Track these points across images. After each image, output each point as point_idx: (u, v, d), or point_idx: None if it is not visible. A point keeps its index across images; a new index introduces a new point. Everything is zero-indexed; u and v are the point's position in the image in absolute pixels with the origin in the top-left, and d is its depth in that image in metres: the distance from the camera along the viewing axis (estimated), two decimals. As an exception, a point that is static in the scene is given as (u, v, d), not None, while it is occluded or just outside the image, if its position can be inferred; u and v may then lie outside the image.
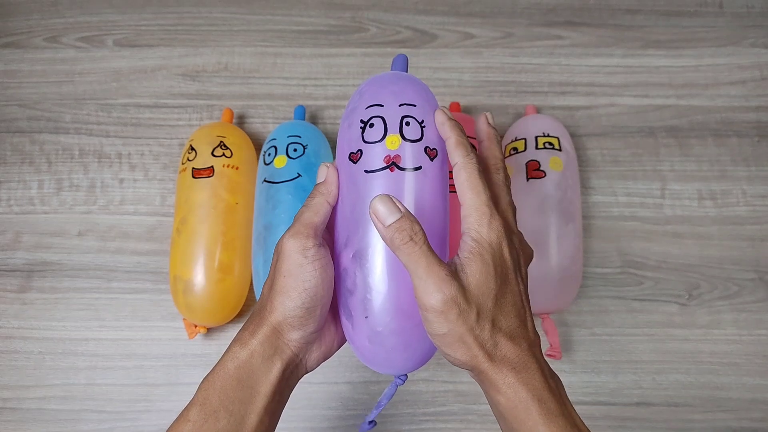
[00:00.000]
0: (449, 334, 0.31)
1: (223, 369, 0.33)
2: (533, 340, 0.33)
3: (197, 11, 0.68)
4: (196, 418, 0.32)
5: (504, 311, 0.32)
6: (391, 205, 0.31)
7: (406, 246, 0.31)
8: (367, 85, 0.37)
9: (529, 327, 0.33)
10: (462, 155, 0.33)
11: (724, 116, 0.64)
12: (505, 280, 0.32)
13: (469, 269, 0.31)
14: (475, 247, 0.32)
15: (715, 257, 0.60)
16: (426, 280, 0.30)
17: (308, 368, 0.37)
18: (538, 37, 0.67)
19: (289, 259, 0.33)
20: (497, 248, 0.32)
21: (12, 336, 0.58)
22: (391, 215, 0.31)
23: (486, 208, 0.32)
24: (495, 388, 0.31)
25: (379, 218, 0.31)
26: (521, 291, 0.33)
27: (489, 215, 0.32)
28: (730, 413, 0.55)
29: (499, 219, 0.32)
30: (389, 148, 0.34)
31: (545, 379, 0.32)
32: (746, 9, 0.69)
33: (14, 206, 0.62)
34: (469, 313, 0.31)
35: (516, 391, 0.31)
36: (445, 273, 0.30)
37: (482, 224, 0.32)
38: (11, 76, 0.66)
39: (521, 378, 0.31)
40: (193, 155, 0.55)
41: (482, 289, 0.31)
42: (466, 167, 0.33)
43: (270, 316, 0.34)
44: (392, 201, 0.31)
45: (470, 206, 0.32)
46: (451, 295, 0.30)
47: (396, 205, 0.31)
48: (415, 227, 0.31)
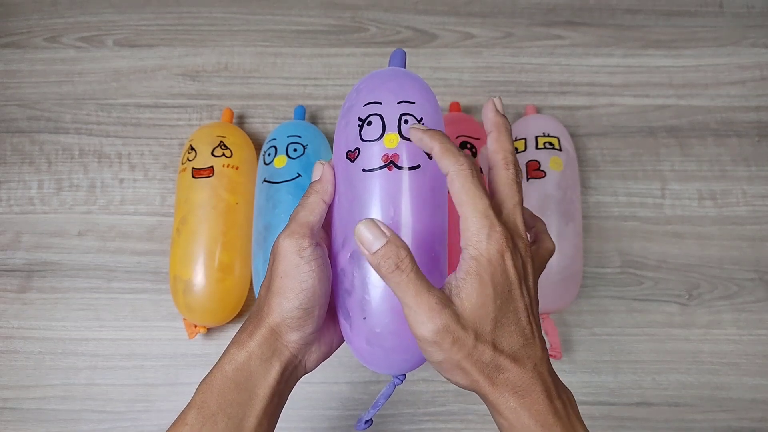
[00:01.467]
0: (445, 362, 0.30)
1: (221, 371, 0.33)
2: (540, 357, 0.30)
3: (197, 11, 0.68)
4: (193, 421, 0.32)
5: (506, 331, 0.30)
6: (376, 231, 0.29)
7: (393, 275, 0.29)
8: (364, 82, 0.36)
9: (536, 343, 0.31)
10: (451, 163, 0.31)
11: (724, 116, 0.64)
12: (508, 298, 0.30)
13: (464, 292, 0.29)
14: (473, 266, 0.29)
15: (715, 257, 0.60)
16: (415, 309, 0.29)
17: (307, 369, 0.36)
18: (538, 37, 0.67)
19: (285, 260, 0.33)
20: (498, 264, 0.29)
21: (12, 336, 0.58)
22: (377, 241, 0.29)
23: (484, 219, 0.30)
24: (497, 412, 0.30)
25: (364, 245, 0.30)
26: (527, 306, 0.31)
27: (488, 226, 0.29)
28: (730, 413, 0.55)
29: (500, 228, 0.30)
30: (387, 147, 0.33)
31: (550, 401, 0.30)
32: (746, 9, 0.69)
33: (14, 206, 0.62)
34: (465, 339, 0.29)
35: (518, 416, 0.29)
36: (435, 301, 0.29)
37: (481, 238, 0.29)
38: (11, 76, 0.66)
39: (524, 402, 0.29)
40: (193, 155, 0.55)
41: (479, 312, 0.29)
42: (458, 175, 0.30)
43: (268, 318, 0.33)
44: (377, 226, 0.30)
45: (467, 218, 0.30)
46: (442, 324, 0.28)
47: (381, 229, 0.30)
48: (401, 253, 0.29)
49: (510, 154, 0.33)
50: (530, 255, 0.32)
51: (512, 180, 0.32)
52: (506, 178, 0.32)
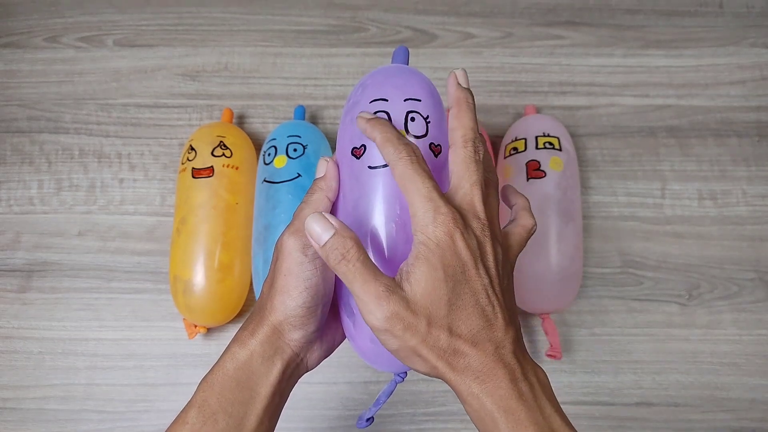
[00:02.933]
0: (401, 349, 0.29)
1: (222, 370, 0.33)
2: (502, 338, 0.29)
3: (197, 11, 0.68)
4: (194, 420, 0.32)
5: (463, 314, 0.29)
6: (324, 223, 0.30)
7: (340, 265, 0.29)
8: (370, 78, 0.36)
9: (499, 324, 0.30)
10: (390, 152, 0.30)
11: (724, 116, 0.64)
12: (461, 279, 0.29)
13: (413, 276, 0.29)
14: (422, 251, 0.29)
15: (715, 257, 0.60)
16: (363, 299, 0.29)
17: (309, 367, 0.36)
18: (538, 37, 0.67)
19: (289, 258, 0.33)
20: (447, 246, 0.29)
21: (12, 336, 0.58)
22: (324, 233, 0.29)
23: (428, 202, 0.29)
24: (461, 399, 0.30)
25: (313, 238, 0.30)
26: (485, 285, 0.30)
27: (433, 209, 0.29)
28: (730, 413, 0.55)
29: (446, 209, 0.29)
30: None
31: (514, 384, 0.29)
32: (746, 9, 0.69)
33: (14, 206, 0.62)
34: (417, 324, 0.28)
35: (481, 403, 0.29)
36: (382, 289, 0.28)
37: (427, 222, 0.29)
38: (11, 76, 0.66)
39: (486, 388, 0.29)
40: (193, 155, 0.55)
41: (431, 296, 0.29)
42: (398, 163, 0.30)
43: (270, 316, 0.33)
44: (324, 218, 0.30)
45: (412, 204, 0.30)
46: (390, 311, 0.28)
47: (329, 221, 0.30)
48: (348, 243, 0.29)
49: (470, 131, 0.32)
50: (490, 235, 0.31)
51: (470, 158, 0.32)
52: (463, 156, 0.32)
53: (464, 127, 0.32)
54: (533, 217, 0.35)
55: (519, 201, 0.36)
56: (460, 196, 0.31)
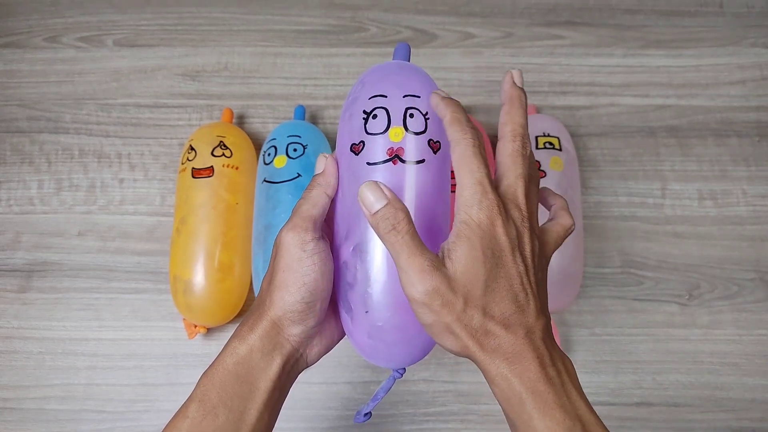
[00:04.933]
0: (435, 324, 0.30)
1: (222, 364, 0.33)
2: (533, 324, 0.30)
3: (197, 11, 0.68)
4: (194, 414, 0.32)
5: (497, 297, 0.30)
6: (378, 192, 0.30)
7: (389, 235, 0.30)
8: (369, 75, 0.36)
9: (530, 311, 0.30)
10: (456, 131, 0.31)
11: (724, 116, 0.64)
12: (498, 263, 0.30)
13: (455, 254, 0.30)
14: (463, 230, 0.30)
15: (716, 257, 0.60)
16: (407, 271, 0.29)
17: (309, 362, 0.36)
18: (538, 37, 0.67)
19: (288, 253, 0.33)
20: (487, 229, 0.30)
21: (12, 336, 0.58)
22: (377, 202, 0.30)
23: (477, 186, 0.30)
24: (489, 379, 0.30)
25: (365, 206, 0.30)
26: (521, 273, 0.30)
27: (480, 193, 0.30)
28: (730, 413, 0.55)
29: (493, 197, 0.30)
30: (392, 140, 0.33)
31: (543, 368, 0.30)
32: (746, 9, 0.69)
33: (14, 206, 0.62)
34: (454, 302, 0.29)
35: (509, 383, 0.29)
36: (427, 264, 0.29)
37: (472, 204, 0.30)
38: (11, 76, 0.66)
39: (515, 370, 0.29)
40: (192, 155, 0.55)
41: (469, 275, 0.29)
42: (460, 144, 0.31)
43: (269, 311, 0.33)
44: (379, 188, 0.30)
45: (462, 185, 0.31)
46: (432, 286, 0.29)
47: (383, 191, 0.30)
48: (399, 215, 0.30)
49: (519, 127, 0.33)
50: (528, 227, 0.31)
51: (517, 152, 0.32)
52: (512, 149, 0.32)
53: (514, 122, 0.33)
54: (572, 217, 0.36)
55: (558, 201, 0.37)
56: (504, 186, 0.32)
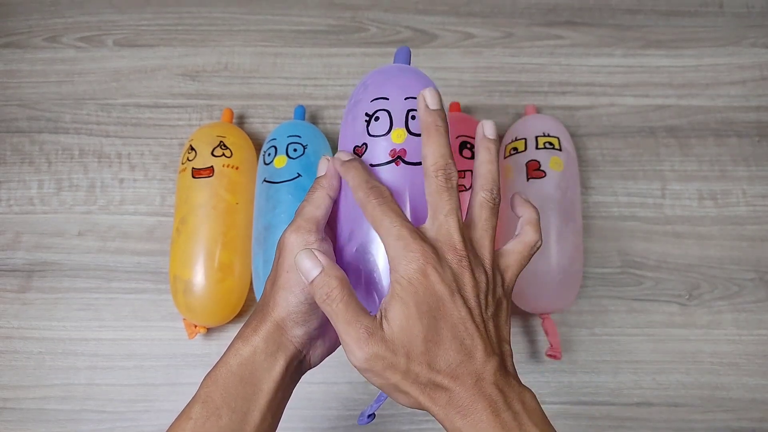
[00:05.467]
0: (385, 386, 0.30)
1: (226, 365, 0.33)
2: (482, 370, 0.29)
3: (197, 11, 0.68)
4: (198, 415, 0.32)
5: (440, 349, 0.29)
6: (313, 260, 0.30)
7: (324, 304, 0.30)
8: (371, 78, 0.37)
9: (478, 356, 0.29)
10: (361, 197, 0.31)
11: (724, 116, 0.64)
12: (436, 314, 0.29)
13: (390, 314, 0.29)
14: (395, 288, 0.30)
15: (716, 257, 0.60)
16: (345, 339, 0.29)
17: (312, 364, 0.37)
18: (538, 37, 0.67)
19: (291, 255, 0.33)
20: (419, 283, 0.29)
21: (12, 336, 0.58)
22: (313, 270, 0.30)
23: (397, 241, 0.30)
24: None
25: (303, 274, 0.31)
26: (463, 318, 0.29)
27: (402, 248, 0.29)
28: (730, 413, 0.55)
29: (417, 246, 0.29)
30: (395, 142, 0.34)
31: (496, 416, 0.28)
32: (746, 9, 0.69)
33: (14, 206, 0.62)
34: (396, 363, 0.29)
35: None
36: (362, 330, 0.29)
37: (398, 260, 0.30)
38: (11, 76, 0.66)
39: (468, 422, 0.29)
40: (193, 155, 0.55)
41: (407, 333, 0.29)
42: (366, 206, 0.31)
43: (273, 312, 0.34)
44: (313, 255, 0.30)
45: (385, 244, 0.30)
46: (371, 352, 0.29)
47: (317, 259, 0.30)
48: (332, 283, 0.30)
49: (440, 158, 0.31)
50: (468, 265, 0.30)
51: (442, 188, 0.31)
52: (435, 186, 0.31)
53: (434, 154, 0.32)
54: (538, 232, 0.34)
55: (525, 213, 0.35)
56: (436, 228, 0.31)
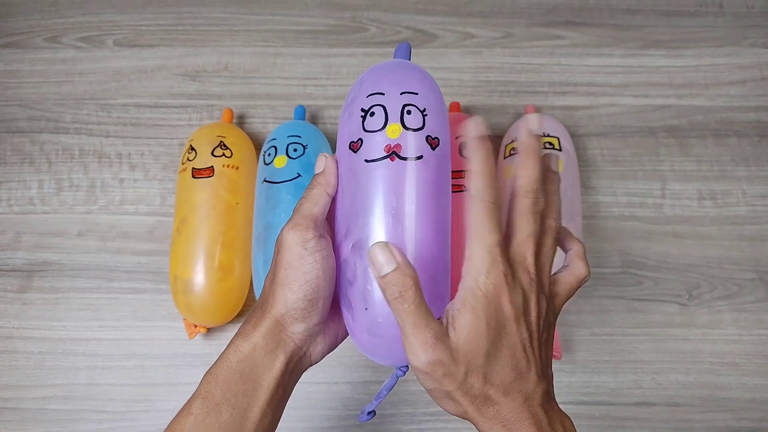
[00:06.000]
0: (436, 390, 0.31)
1: (226, 362, 0.33)
2: (532, 391, 0.31)
3: (197, 11, 0.68)
4: (198, 411, 0.32)
5: (498, 365, 0.30)
6: (388, 255, 0.30)
7: (396, 302, 0.30)
8: (367, 74, 0.37)
9: (531, 377, 0.31)
10: (478, 187, 0.31)
11: (724, 116, 0.64)
12: (501, 332, 0.30)
13: (458, 323, 0.30)
14: (469, 298, 0.30)
15: (715, 257, 0.60)
16: (411, 341, 0.29)
17: (313, 361, 0.37)
18: (538, 37, 0.67)
19: (289, 252, 0.33)
20: (493, 298, 0.30)
21: (12, 336, 0.58)
22: (387, 265, 0.30)
23: (487, 254, 0.30)
24: None
25: (375, 266, 0.30)
26: (524, 340, 0.31)
27: (489, 262, 0.30)
28: (730, 413, 0.55)
29: (501, 266, 0.30)
30: (390, 137, 0.33)
31: None
32: (746, 9, 0.69)
33: (14, 206, 0.62)
34: (456, 372, 0.30)
35: None
36: (430, 336, 0.29)
37: (480, 272, 0.30)
38: (11, 76, 0.66)
39: None
40: (193, 155, 0.56)
41: (471, 345, 0.30)
42: (478, 204, 0.31)
43: (272, 309, 0.34)
44: (390, 250, 0.30)
45: (472, 249, 0.31)
46: (435, 358, 0.29)
47: (393, 254, 0.30)
48: (407, 282, 0.30)
49: (533, 182, 0.32)
50: (536, 290, 0.32)
51: (529, 210, 0.32)
52: (523, 206, 0.32)
53: (528, 177, 0.32)
54: (587, 266, 0.35)
55: (574, 247, 0.36)
56: (514, 246, 0.32)
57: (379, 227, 0.33)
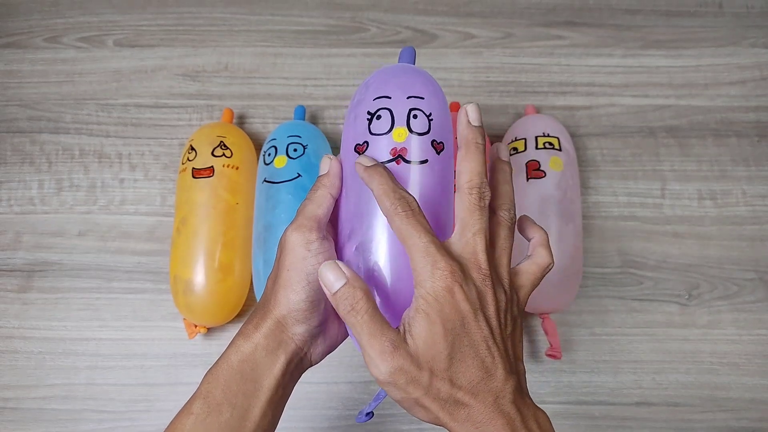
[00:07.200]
0: (404, 400, 0.30)
1: (227, 362, 0.33)
2: (501, 388, 0.30)
3: (197, 11, 0.68)
4: (199, 411, 0.32)
5: (462, 366, 0.30)
6: (337, 272, 0.30)
7: (349, 315, 0.30)
8: (374, 77, 0.37)
9: (498, 375, 0.30)
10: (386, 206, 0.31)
11: (723, 116, 0.64)
12: (460, 332, 0.29)
13: (414, 329, 0.29)
14: (420, 304, 0.30)
15: (715, 257, 0.60)
16: (369, 351, 0.29)
17: (313, 361, 0.37)
18: (538, 37, 0.67)
19: (292, 253, 0.33)
20: (445, 300, 0.29)
21: (12, 336, 0.58)
22: (337, 282, 0.30)
23: (425, 257, 0.30)
24: None
25: (326, 286, 0.30)
26: (485, 337, 0.30)
27: (431, 264, 0.29)
28: (730, 413, 0.55)
29: (444, 264, 0.29)
30: (396, 141, 0.34)
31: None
32: (746, 9, 0.69)
33: (14, 206, 0.62)
34: (420, 378, 0.29)
35: None
36: (387, 344, 0.29)
37: (425, 276, 0.30)
38: (12, 76, 0.66)
39: None
40: (193, 155, 0.56)
41: (431, 349, 0.29)
42: (393, 218, 0.30)
43: (274, 310, 0.34)
44: (338, 267, 0.30)
45: (411, 257, 0.30)
46: (395, 366, 0.29)
47: (341, 270, 0.30)
48: (357, 294, 0.30)
49: (476, 177, 0.32)
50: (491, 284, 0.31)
51: (474, 205, 0.31)
52: (468, 203, 0.32)
53: (471, 171, 0.32)
54: (550, 254, 0.35)
55: (536, 235, 0.36)
56: (462, 244, 0.31)
57: (383, 230, 0.33)
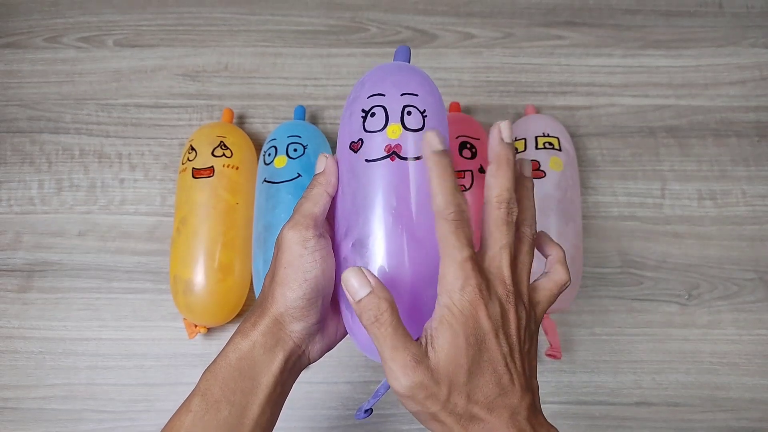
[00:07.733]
0: (421, 413, 0.30)
1: (225, 360, 0.33)
2: (517, 405, 0.30)
3: (197, 11, 0.69)
4: (197, 408, 0.33)
5: (481, 382, 0.30)
6: (362, 279, 0.30)
7: (372, 326, 0.29)
8: (369, 76, 0.37)
9: (515, 391, 0.30)
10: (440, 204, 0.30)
11: (723, 116, 0.64)
12: (481, 347, 0.30)
13: (437, 342, 0.30)
14: (446, 315, 0.30)
15: (715, 257, 0.60)
16: (390, 365, 0.29)
17: (311, 359, 0.37)
18: (538, 37, 0.67)
19: (289, 251, 0.33)
20: (470, 315, 0.30)
21: (12, 336, 0.58)
22: (361, 290, 0.30)
23: (460, 270, 0.30)
24: None
25: (349, 292, 0.30)
26: (504, 354, 0.30)
27: (463, 278, 0.30)
28: (730, 413, 0.55)
29: (475, 281, 0.30)
30: (390, 138, 0.34)
31: None
32: (746, 9, 0.69)
33: (14, 206, 0.62)
34: (438, 393, 0.29)
35: None
36: (410, 358, 0.29)
37: (454, 289, 0.30)
38: (12, 76, 0.66)
39: None
40: (193, 155, 0.56)
41: (452, 364, 0.29)
42: (444, 222, 0.30)
43: (272, 308, 0.34)
44: (363, 274, 0.30)
45: (444, 266, 0.30)
46: (416, 380, 0.29)
47: (367, 278, 0.30)
48: (383, 305, 0.29)
49: (505, 192, 0.32)
50: (514, 301, 0.31)
51: (502, 220, 0.32)
52: (496, 218, 0.32)
53: (500, 186, 0.32)
54: (568, 272, 0.35)
55: (554, 252, 0.36)
56: (489, 257, 0.32)
57: (379, 226, 0.33)
